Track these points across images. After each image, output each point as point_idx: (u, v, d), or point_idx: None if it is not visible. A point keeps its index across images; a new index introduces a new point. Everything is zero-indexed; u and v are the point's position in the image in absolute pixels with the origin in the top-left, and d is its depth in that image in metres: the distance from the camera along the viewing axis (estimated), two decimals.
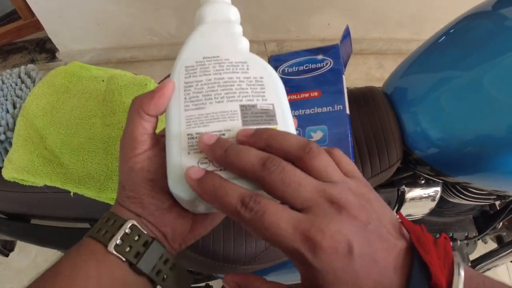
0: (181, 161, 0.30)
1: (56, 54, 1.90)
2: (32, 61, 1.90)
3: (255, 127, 0.31)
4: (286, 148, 0.28)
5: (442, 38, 0.64)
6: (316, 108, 0.51)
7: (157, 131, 0.35)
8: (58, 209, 0.61)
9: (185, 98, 0.32)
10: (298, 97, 0.53)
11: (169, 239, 0.34)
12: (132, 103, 0.33)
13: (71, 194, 0.54)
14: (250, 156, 0.28)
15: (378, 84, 0.69)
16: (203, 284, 0.98)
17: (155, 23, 1.77)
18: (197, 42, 0.35)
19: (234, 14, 0.37)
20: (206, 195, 0.28)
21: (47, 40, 1.91)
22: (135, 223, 0.32)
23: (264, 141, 0.29)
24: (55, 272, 0.30)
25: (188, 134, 0.31)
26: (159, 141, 0.34)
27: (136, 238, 0.31)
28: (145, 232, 0.32)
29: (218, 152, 0.29)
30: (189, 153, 0.31)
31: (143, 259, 0.31)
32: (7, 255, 0.89)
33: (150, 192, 0.32)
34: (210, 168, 0.30)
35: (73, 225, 0.64)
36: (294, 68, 0.57)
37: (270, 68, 0.35)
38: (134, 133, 0.32)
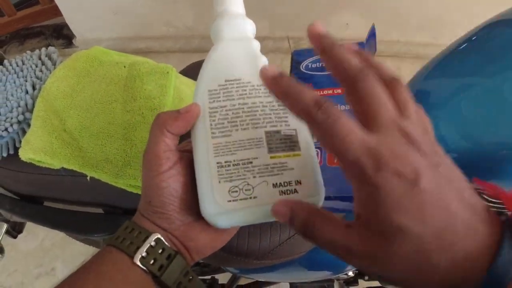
0: (213, 190, 0.32)
1: (73, 41, 1.91)
2: (49, 47, 1.91)
3: (279, 154, 0.33)
4: (381, 70, 0.28)
5: (465, 45, 0.63)
6: (339, 105, 0.50)
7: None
8: (73, 193, 0.61)
9: (211, 125, 0.33)
10: (322, 93, 0.52)
11: (191, 252, 0.35)
12: (155, 118, 0.34)
13: (88, 178, 0.54)
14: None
15: None
16: (209, 277, 0.98)
17: (172, 15, 1.77)
18: (218, 63, 0.36)
19: (250, 28, 0.38)
20: (279, 92, 0.27)
21: (65, 26, 1.92)
22: (160, 236, 0.33)
23: (365, 60, 0.28)
24: (81, 280, 0.31)
25: (217, 163, 0.32)
26: (182, 156, 0.34)
27: (160, 251, 0.32)
28: (169, 246, 0.33)
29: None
30: (219, 182, 0.32)
31: (167, 272, 0.32)
32: (15, 237, 0.90)
33: (177, 208, 0.33)
34: (241, 196, 0.32)
35: (86, 210, 0.64)
36: (317, 64, 0.56)
37: None
38: (157, 150, 0.33)
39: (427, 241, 0.23)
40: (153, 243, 0.32)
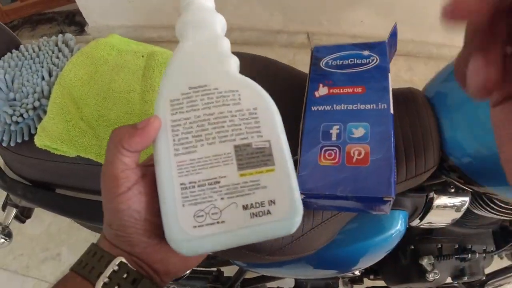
0: (176, 214, 0.29)
1: (85, 28, 1.91)
2: (61, 33, 1.90)
3: (250, 170, 0.30)
4: None
5: None
6: (359, 104, 0.50)
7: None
8: (86, 181, 0.61)
9: (174, 140, 0.30)
10: (341, 91, 0.52)
11: (160, 274, 0.33)
12: (111, 135, 0.31)
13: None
14: None
15: (406, 86, 0.68)
16: (215, 269, 0.98)
17: None
18: (180, 67, 0.32)
19: (220, 24, 0.34)
20: None
21: (77, 13, 1.91)
22: (123, 260, 0.30)
23: None
24: None
25: (181, 184, 0.29)
26: (145, 173, 0.32)
27: (125, 275, 0.30)
28: (134, 269, 0.31)
29: None
30: (183, 206, 0.29)
31: None
32: (24, 222, 0.90)
33: (139, 231, 0.31)
34: (208, 221, 0.29)
35: (98, 198, 0.64)
36: (338, 61, 0.55)
37: (264, 94, 0.32)
38: (114, 170, 0.30)
39: None
40: (116, 268, 0.30)
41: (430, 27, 1.71)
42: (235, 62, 0.33)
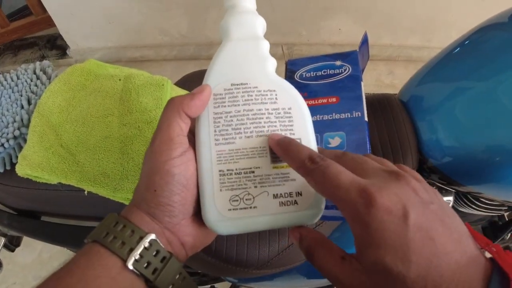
0: (214, 198, 0.32)
1: (67, 51, 1.91)
2: (43, 57, 1.91)
3: (282, 164, 0.33)
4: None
5: (458, 49, 0.64)
6: (334, 114, 0.51)
7: None
8: (70, 207, 0.61)
9: (215, 131, 0.33)
10: (316, 102, 0.53)
11: (186, 247, 0.33)
12: (169, 102, 0.33)
13: (85, 192, 0.54)
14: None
15: (388, 90, 0.69)
16: (208, 286, 0.98)
17: (166, 23, 1.77)
18: (224, 65, 0.35)
19: (261, 26, 0.37)
20: (281, 150, 0.31)
21: (58, 36, 1.92)
22: (155, 237, 0.30)
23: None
24: (64, 286, 0.28)
25: (219, 171, 0.32)
26: (192, 145, 0.34)
27: (154, 253, 0.30)
28: (163, 247, 0.31)
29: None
30: (221, 190, 0.32)
31: (161, 276, 0.30)
32: (13, 251, 0.89)
33: (182, 200, 0.32)
34: (241, 205, 0.32)
35: (83, 224, 0.64)
36: (311, 73, 0.56)
37: (298, 96, 0.35)
38: (171, 132, 0.32)
39: (410, 281, 0.23)
40: (147, 245, 0.30)
41: (408, 30, 1.75)
42: (272, 63, 0.36)
